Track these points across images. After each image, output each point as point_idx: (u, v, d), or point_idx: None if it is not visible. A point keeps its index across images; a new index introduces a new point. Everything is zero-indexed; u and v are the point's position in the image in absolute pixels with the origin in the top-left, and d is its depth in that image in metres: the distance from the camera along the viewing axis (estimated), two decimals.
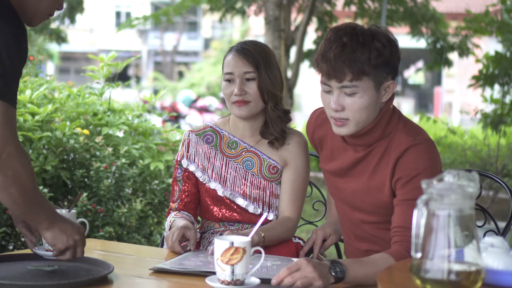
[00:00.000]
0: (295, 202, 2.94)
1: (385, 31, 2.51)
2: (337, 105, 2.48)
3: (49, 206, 2.34)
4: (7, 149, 2.15)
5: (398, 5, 11.10)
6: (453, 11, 21.82)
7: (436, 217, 1.74)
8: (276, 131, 2.95)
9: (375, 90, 2.48)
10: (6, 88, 2.15)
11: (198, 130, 3.05)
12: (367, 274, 2.26)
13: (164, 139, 4.92)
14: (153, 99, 5.14)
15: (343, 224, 2.78)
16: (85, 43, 37.28)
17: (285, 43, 9.32)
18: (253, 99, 2.91)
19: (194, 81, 28.76)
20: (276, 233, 2.83)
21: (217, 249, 2.20)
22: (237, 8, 11.16)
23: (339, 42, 2.45)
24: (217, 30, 38.29)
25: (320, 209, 3.40)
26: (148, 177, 4.69)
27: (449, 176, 1.77)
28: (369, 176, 2.58)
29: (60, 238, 2.33)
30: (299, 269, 2.15)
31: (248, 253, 2.20)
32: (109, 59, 4.91)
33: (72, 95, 4.93)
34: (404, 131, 2.53)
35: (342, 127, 2.52)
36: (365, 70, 2.43)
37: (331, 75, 2.46)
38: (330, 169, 2.71)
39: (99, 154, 4.47)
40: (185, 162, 3.00)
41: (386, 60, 2.47)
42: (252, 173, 2.95)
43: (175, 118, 17.05)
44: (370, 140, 2.57)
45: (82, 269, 2.39)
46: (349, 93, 2.47)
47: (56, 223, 2.34)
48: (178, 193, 2.99)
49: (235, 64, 2.91)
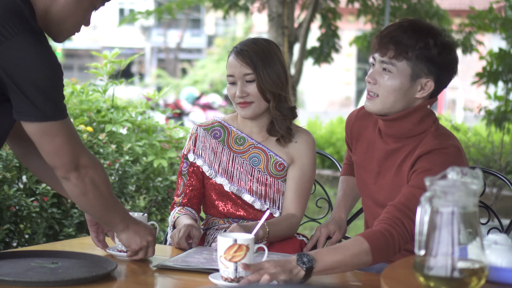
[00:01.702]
0: (300, 199, 2.94)
1: (447, 37, 2.55)
2: (372, 78, 2.57)
3: (124, 210, 2.48)
4: (81, 160, 2.31)
5: (401, 2, 11.09)
6: (457, 8, 21.79)
7: (440, 214, 1.74)
8: (282, 129, 2.95)
9: (410, 79, 2.53)
10: (56, 108, 2.26)
11: (206, 124, 3.06)
12: (338, 260, 2.23)
13: (167, 136, 4.92)
14: (157, 96, 5.14)
15: (366, 219, 2.82)
16: (88, 40, 37.28)
17: (289, 40, 9.32)
18: (255, 99, 2.91)
19: (198, 78, 28.76)
20: (281, 229, 2.84)
21: (220, 246, 2.20)
22: (240, 5, 11.15)
23: (399, 25, 2.55)
24: (221, 27, 38.27)
25: (324, 206, 3.40)
26: (152, 174, 4.69)
27: (453, 173, 1.77)
28: (394, 173, 2.62)
29: (134, 239, 2.48)
30: (262, 268, 2.15)
31: (251, 250, 2.20)
32: (112, 56, 4.91)
33: (76, 92, 4.93)
34: (433, 135, 2.57)
35: (370, 101, 2.60)
36: (407, 54, 2.50)
37: (377, 48, 2.55)
38: (362, 162, 2.76)
39: (103, 151, 4.47)
40: (192, 156, 3.01)
41: (431, 57, 2.51)
42: (258, 170, 2.95)
43: (178, 115, 17.05)
44: (399, 131, 2.61)
45: (85, 266, 2.39)
46: (385, 69, 2.54)
47: (131, 225, 2.48)
48: (182, 187, 3.00)
49: (235, 66, 2.92)
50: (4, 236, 4.00)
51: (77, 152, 2.30)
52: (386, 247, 2.30)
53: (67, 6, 2.37)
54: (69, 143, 2.28)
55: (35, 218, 4.14)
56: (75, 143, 2.31)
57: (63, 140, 2.27)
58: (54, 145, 2.27)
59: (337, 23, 11.20)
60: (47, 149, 2.28)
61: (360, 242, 2.29)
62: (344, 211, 3.00)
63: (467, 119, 17.70)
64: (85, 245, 2.75)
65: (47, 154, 2.29)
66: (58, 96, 2.27)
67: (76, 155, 2.30)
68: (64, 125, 2.27)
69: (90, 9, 2.46)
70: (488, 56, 8.40)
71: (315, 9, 9.79)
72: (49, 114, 2.24)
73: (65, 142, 2.27)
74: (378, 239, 2.30)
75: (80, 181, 2.31)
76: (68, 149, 2.28)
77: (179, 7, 11.86)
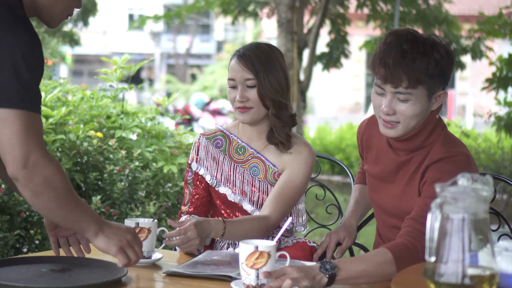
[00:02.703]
0: (278, 202, 2.86)
1: (444, 43, 2.54)
2: (389, 109, 2.52)
3: (91, 212, 2.28)
4: (32, 157, 2.12)
5: (410, 7, 11.09)
6: (466, 13, 21.76)
7: (450, 220, 1.73)
8: (281, 136, 2.92)
9: (428, 98, 2.52)
10: (26, 96, 2.14)
11: (209, 133, 3.05)
12: (362, 269, 2.24)
13: (177, 142, 4.92)
14: (166, 102, 5.15)
15: (378, 226, 2.82)
16: (98, 45, 37.38)
17: (298, 46, 9.33)
18: (255, 105, 2.88)
19: (207, 83, 28.80)
20: (243, 229, 2.75)
21: (241, 253, 2.20)
22: (250, 10, 11.18)
23: (399, 49, 2.48)
24: (230, 33, 38.33)
25: (333, 213, 3.40)
26: (162, 180, 4.70)
27: (463, 180, 1.77)
28: (405, 183, 2.61)
29: (112, 241, 2.29)
30: (284, 274, 2.15)
31: (273, 257, 2.20)
32: (122, 61, 4.93)
33: (86, 97, 4.94)
34: (442, 143, 2.56)
35: (391, 129, 2.56)
36: (422, 79, 2.47)
37: (388, 79, 2.49)
38: (374, 172, 2.75)
39: (113, 157, 4.48)
40: (195, 165, 3.01)
41: (442, 71, 2.50)
42: (258, 179, 2.94)
43: (188, 121, 17.06)
44: (412, 146, 2.60)
45: (96, 272, 2.39)
46: (402, 99, 2.50)
47: (105, 227, 2.29)
48: (188, 196, 3.00)
49: (237, 70, 2.90)
50: (14, 242, 4.01)
51: (29, 147, 2.11)
52: (410, 258, 2.28)
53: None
54: (23, 137, 2.10)
55: None
56: (29, 139, 2.12)
57: (16, 131, 2.10)
58: (5, 136, 2.11)
59: (347, 29, 11.21)
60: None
61: (383, 253, 2.30)
62: (355, 217, 2.99)
63: (477, 125, 17.66)
64: (96, 251, 2.75)
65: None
66: (31, 86, 2.15)
67: (27, 151, 2.11)
68: (24, 117, 2.11)
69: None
70: (498, 62, 8.38)
71: (324, 15, 9.80)
72: (10, 100, 2.11)
73: (17, 134, 2.10)
74: (401, 250, 2.31)
75: (28, 181, 2.13)
76: (19, 142, 2.10)
77: (188, 12, 11.89)
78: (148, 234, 2.54)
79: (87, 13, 15.34)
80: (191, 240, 2.54)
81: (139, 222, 2.55)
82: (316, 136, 13.82)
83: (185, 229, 2.53)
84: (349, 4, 11.24)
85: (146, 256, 2.53)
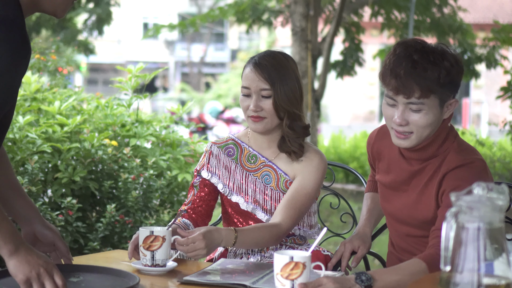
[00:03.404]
0: (289, 210, 2.84)
1: (452, 51, 2.55)
2: (402, 120, 2.52)
3: (12, 231, 2.09)
4: None
5: (425, 16, 11.09)
6: (481, 22, 21.72)
7: (466, 230, 1.73)
8: (294, 146, 2.91)
9: (440, 107, 2.52)
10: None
11: (220, 142, 3.04)
12: (397, 279, 2.27)
13: (191, 150, 4.93)
14: (181, 110, 5.16)
15: (390, 236, 2.82)
16: (113, 54, 37.54)
17: (312, 54, 9.33)
18: (268, 115, 2.86)
19: (221, 92, 28.86)
20: (254, 237, 2.73)
21: (276, 263, 2.19)
22: (264, 19, 11.20)
23: (410, 59, 2.48)
24: (244, 41, 38.40)
25: (348, 221, 3.39)
26: (176, 188, 4.71)
27: (478, 189, 1.76)
28: (419, 192, 2.61)
29: (20, 269, 2.08)
30: (320, 285, 2.15)
31: (308, 268, 2.20)
32: (137, 70, 4.94)
33: (100, 106, 4.96)
34: (456, 151, 2.56)
35: (405, 140, 2.56)
36: (433, 89, 2.47)
37: (399, 90, 2.48)
38: (386, 181, 2.75)
39: (127, 165, 4.50)
40: (206, 173, 2.99)
41: (453, 79, 2.51)
42: (270, 188, 2.93)
43: (202, 129, 17.11)
44: (425, 155, 2.60)
45: (108, 280, 2.39)
46: (415, 109, 2.50)
47: (20, 250, 2.10)
48: (191, 197, 2.98)
49: (252, 79, 2.87)
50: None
51: None
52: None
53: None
54: None
55: (60, 232, 4.16)
56: None
57: None
58: None
59: (361, 37, 11.21)
60: None
61: (417, 263, 2.32)
62: (369, 226, 2.98)
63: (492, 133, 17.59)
64: (110, 259, 2.76)
65: None
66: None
67: None
68: None
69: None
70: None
71: (338, 23, 9.80)
72: None
73: None
74: (434, 259, 2.32)
75: None
76: None
77: (203, 21, 11.92)
78: (163, 242, 2.54)
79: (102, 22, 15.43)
80: (198, 250, 2.53)
81: (154, 230, 2.55)
82: (330, 145, 13.80)
83: (192, 239, 2.53)
84: (363, 12, 11.25)
85: (160, 265, 2.53)
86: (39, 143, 4.35)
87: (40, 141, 4.37)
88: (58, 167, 4.40)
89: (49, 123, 4.52)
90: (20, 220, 2.54)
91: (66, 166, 4.38)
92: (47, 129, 4.50)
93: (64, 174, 4.32)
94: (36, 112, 4.77)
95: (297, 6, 9.08)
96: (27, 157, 4.28)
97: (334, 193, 3.35)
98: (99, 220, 4.36)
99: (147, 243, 2.52)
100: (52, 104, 4.76)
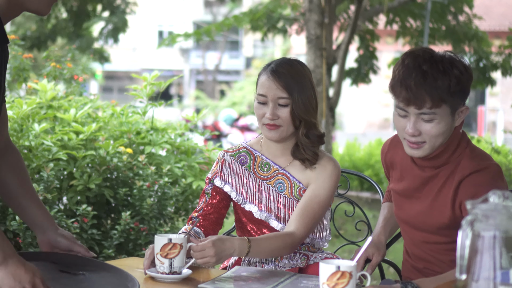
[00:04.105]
0: (304, 218, 2.83)
1: (461, 58, 2.55)
2: (415, 130, 2.52)
3: (2, 241, 2.06)
4: None
5: (440, 24, 11.06)
6: (496, 29, 21.66)
7: (481, 238, 1.72)
8: (308, 154, 2.90)
9: (451, 115, 2.52)
10: None
11: (233, 150, 3.03)
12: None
13: (206, 158, 4.93)
14: (195, 118, 5.17)
15: (405, 244, 2.82)
16: (128, 62, 37.68)
17: (327, 62, 9.33)
18: (285, 124, 2.85)
19: (236, 99, 28.90)
20: (268, 247, 2.72)
21: (322, 273, 2.18)
22: (279, 27, 11.20)
23: (419, 70, 2.48)
24: (259, 49, 38.47)
25: (363, 229, 3.38)
26: (190, 196, 4.71)
27: (494, 197, 1.75)
28: (433, 198, 2.62)
29: (8, 281, 2.04)
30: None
31: (354, 277, 2.19)
32: (152, 78, 4.95)
33: (116, 114, 4.98)
34: (470, 157, 2.57)
35: (418, 149, 2.56)
36: (444, 98, 2.47)
37: (411, 102, 2.49)
38: (399, 189, 2.75)
39: (142, 172, 4.50)
40: (219, 181, 2.98)
41: (464, 86, 2.51)
42: (284, 196, 2.92)
43: (217, 137, 17.12)
44: (438, 163, 2.61)
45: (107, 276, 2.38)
46: (426, 119, 2.51)
47: (8, 261, 2.05)
48: (202, 204, 2.98)
49: (269, 87, 2.85)
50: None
51: None
52: None
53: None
54: None
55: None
56: None
57: None
58: None
59: (375, 45, 11.20)
60: None
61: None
62: (384, 234, 2.98)
63: (508, 141, 17.51)
64: (125, 267, 2.76)
65: None
66: None
67: None
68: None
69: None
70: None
71: (353, 31, 9.80)
72: None
73: None
74: None
75: None
76: None
77: (218, 30, 11.94)
78: (180, 250, 2.54)
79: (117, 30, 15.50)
80: (206, 258, 2.52)
81: (172, 238, 2.55)
82: (345, 152, 13.78)
83: (202, 246, 2.52)
84: (378, 20, 11.24)
85: (178, 272, 2.53)
86: (54, 151, 4.37)
87: (56, 148, 4.39)
88: (74, 175, 4.41)
89: (64, 131, 4.54)
90: (35, 229, 2.56)
91: (82, 173, 4.39)
92: (62, 137, 4.52)
93: (79, 182, 4.33)
94: (51, 120, 4.79)
95: (312, 14, 9.09)
96: (43, 164, 4.30)
97: (349, 201, 3.35)
98: (114, 228, 4.37)
99: (165, 251, 2.52)
100: (67, 112, 4.78)
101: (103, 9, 14.78)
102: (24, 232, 3.95)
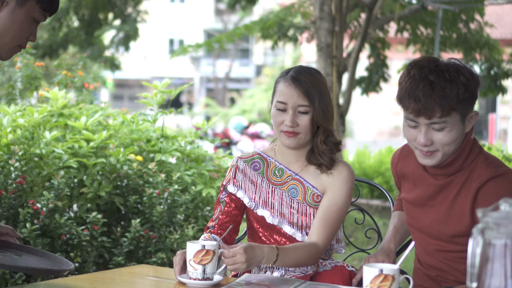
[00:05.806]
0: (325, 228, 2.85)
1: (466, 65, 2.54)
2: (427, 140, 2.52)
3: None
4: None
5: (451, 32, 11.03)
6: (508, 37, 21.61)
7: (492, 246, 1.71)
8: (325, 160, 2.91)
9: (461, 122, 2.53)
10: None
11: (247, 157, 3.04)
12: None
13: (216, 165, 4.94)
14: (205, 126, 5.17)
15: (417, 253, 2.81)
16: (138, 70, 37.76)
17: (337, 70, 9.32)
18: (303, 131, 2.87)
19: (246, 107, 28.91)
20: (294, 257, 2.74)
21: (366, 276, 2.20)
22: (290, 35, 11.20)
23: (426, 81, 2.47)
24: (269, 57, 38.49)
25: (373, 237, 3.37)
26: (200, 203, 4.71)
27: (506, 205, 1.74)
28: (448, 206, 2.61)
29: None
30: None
31: (397, 280, 2.20)
32: (162, 86, 4.97)
33: (126, 121, 4.99)
34: (485, 163, 2.56)
35: (431, 157, 2.56)
36: (454, 106, 2.47)
37: (420, 113, 2.48)
38: (411, 198, 2.74)
39: (152, 180, 4.51)
40: (232, 187, 3.00)
41: (471, 93, 2.50)
42: (297, 201, 2.92)
43: (227, 145, 17.13)
44: (451, 170, 2.60)
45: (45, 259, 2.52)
46: (437, 129, 2.51)
47: None
48: (218, 213, 2.99)
49: (290, 95, 2.86)
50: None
51: None
52: None
53: (1, 20, 2.31)
54: None
55: (85, 246, 4.18)
56: None
57: None
58: None
59: (386, 53, 11.19)
60: None
61: None
62: (394, 242, 2.97)
63: None
64: (135, 274, 2.76)
65: None
66: None
67: None
68: None
69: (28, 22, 2.37)
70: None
71: (364, 39, 9.79)
72: None
73: None
74: None
75: None
76: None
77: (229, 39, 11.96)
78: (213, 256, 2.55)
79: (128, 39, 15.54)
80: (237, 264, 2.54)
81: (205, 244, 2.55)
82: (355, 160, 13.75)
83: (234, 252, 2.54)
84: (389, 28, 11.22)
85: (210, 278, 2.54)
86: (65, 158, 4.38)
87: (67, 156, 4.40)
88: (84, 182, 4.42)
89: (75, 139, 4.56)
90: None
91: (92, 181, 4.40)
92: (73, 145, 4.53)
93: (89, 189, 4.34)
94: (62, 128, 4.80)
95: (322, 22, 9.09)
96: (54, 172, 4.31)
97: (359, 209, 3.34)
98: (124, 235, 4.37)
99: (199, 257, 2.53)
100: (78, 120, 4.79)
101: (114, 17, 14.82)
102: (34, 240, 3.96)
